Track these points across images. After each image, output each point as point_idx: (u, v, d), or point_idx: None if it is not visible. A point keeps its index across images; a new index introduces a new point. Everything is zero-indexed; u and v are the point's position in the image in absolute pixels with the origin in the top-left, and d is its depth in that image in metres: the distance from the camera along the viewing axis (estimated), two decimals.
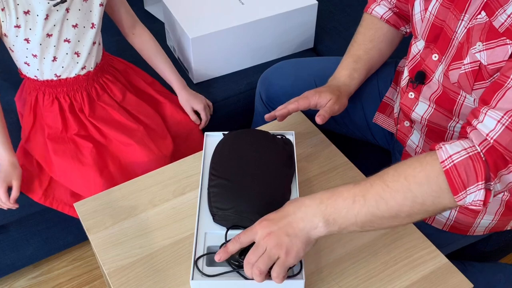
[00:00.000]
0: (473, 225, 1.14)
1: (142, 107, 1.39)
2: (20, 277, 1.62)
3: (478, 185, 0.84)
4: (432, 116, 1.12)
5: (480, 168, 0.83)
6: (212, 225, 1.00)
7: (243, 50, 1.58)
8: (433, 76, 1.08)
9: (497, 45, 0.90)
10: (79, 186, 1.28)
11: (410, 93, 1.15)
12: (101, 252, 1.01)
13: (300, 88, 1.25)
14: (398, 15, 1.26)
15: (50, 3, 1.16)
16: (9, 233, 1.47)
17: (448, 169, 0.84)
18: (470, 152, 0.84)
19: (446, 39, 1.03)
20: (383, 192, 0.85)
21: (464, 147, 0.85)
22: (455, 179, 0.84)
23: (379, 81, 1.33)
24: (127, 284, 0.96)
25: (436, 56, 1.07)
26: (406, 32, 1.29)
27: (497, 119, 0.84)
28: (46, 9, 1.17)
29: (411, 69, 1.15)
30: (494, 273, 1.30)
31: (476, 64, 0.95)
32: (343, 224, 0.87)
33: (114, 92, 1.36)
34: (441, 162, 0.84)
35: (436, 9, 1.05)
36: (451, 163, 0.84)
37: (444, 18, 1.03)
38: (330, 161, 1.18)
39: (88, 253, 1.68)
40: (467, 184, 0.84)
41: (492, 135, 0.85)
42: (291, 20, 1.58)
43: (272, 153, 1.08)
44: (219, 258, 0.89)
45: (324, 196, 0.88)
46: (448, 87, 1.06)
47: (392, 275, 0.98)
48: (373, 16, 1.27)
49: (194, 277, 0.91)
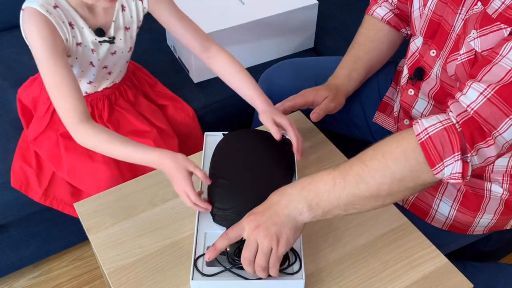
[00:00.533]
0: (473, 224, 1.14)
1: (152, 109, 1.38)
2: (20, 277, 1.62)
3: (454, 156, 0.83)
4: (432, 112, 1.12)
5: (455, 139, 0.83)
6: (212, 225, 1.00)
7: (244, 50, 1.58)
8: (431, 71, 1.09)
9: (490, 31, 0.90)
10: (87, 183, 1.27)
11: (410, 90, 1.15)
12: (101, 252, 1.01)
13: (300, 88, 1.25)
14: (399, 17, 1.27)
15: (98, 39, 1.14)
16: (9, 233, 1.47)
17: (423, 141, 0.84)
18: (445, 124, 0.84)
19: (443, 34, 1.04)
20: (362, 172, 0.86)
21: (440, 119, 0.85)
22: (431, 151, 0.83)
23: (379, 81, 1.33)
24: (127, 284, 0.96)
25: (434, 52, 1.07)
26: (407, 34, 1.29)
27: (479, 91, 0.84)
28: (94, 43, 1.14)
29: (410, 66, 1.16)
30: (494, 273, 1.30)
31: (472, 53, 0.95)
32: (326, 207, 0.88)
33: (129, 96, 1.35)
34: (417, 135, 0.85)
35: (434, 5, 1.05)
36: (426, 135, 0.84)
37: (441, 13, 1.04)
38: (330, 161, 1.18)
39: (88, 253, 1.68)
40: (443, 155, 0.83)
41: (472, 106, 0.84)
42: (292, 20, 1.58)
43: (272, 153, 1.08)
44: (208, 257, 0.90)
45: (305, 182, 0.89)
46: (445, 81, 1.06)
47: (392, 275, 0.98)
48: (374, 18, 1.28)
49: (194, 277, 0.91)
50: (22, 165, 1.30)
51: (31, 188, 1.31)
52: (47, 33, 1.03)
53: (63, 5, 1.08)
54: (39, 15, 1.03)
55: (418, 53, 1.13)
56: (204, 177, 1.00)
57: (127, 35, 1.20)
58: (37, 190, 1.31)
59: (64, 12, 1.08)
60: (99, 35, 1.14)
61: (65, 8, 1.08)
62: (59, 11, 1.07)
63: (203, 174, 1.00)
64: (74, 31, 1.10)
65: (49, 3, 1.05)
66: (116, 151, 1.03)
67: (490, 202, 1.11)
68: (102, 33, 1.14)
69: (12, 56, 1.58)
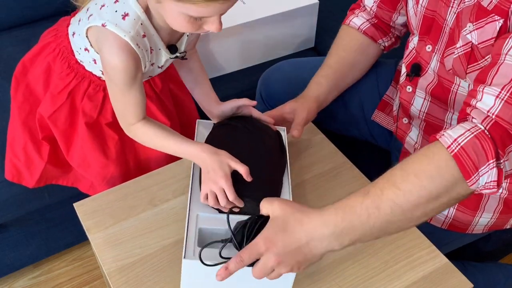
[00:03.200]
0: (472, 223, 1.14)
1: (175, 99, 1.33)
2: (20, 277, 1.62)
3: (489, 164, 0.81)
4: (429, 109, 1.12)
5: (488, 145, 0.80)
6: (204, 207, 1.00)
7: (244, 49, 1.58)
8: (428, 67, 1.09)
9: (486, 23, 0.90)
10: (94, 174, 1.25)
11: (408, 86, 1.15)
12: (101, 252, 1.01)
13: (300, 87, 1.25)
14: (376, 27, 1.26)
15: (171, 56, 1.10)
16: (9, 233, 1.47)
17: (456, 153, 0.80)
18: (474, 132, 0.82)
19: (438, 28, 1.04)
20: (396, 197, 0.81)
21: (467, 128, 0.83)
22: (465, 162, 0.80)
23: (379, 81, 1.33)
24: (127, 284, 0.96)
25: (430, 47, 1.08)
26: (384, 47, 1.28)
27: (495, 94, 0.82)
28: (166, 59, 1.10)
29: (407, 64, 1.16)
30: (494, 273, 1.30)
31: (468, 46, 0.95)
32: (358, 240, 0.84)
33: (156, 81, 1.26)
34: (447, 147, 0.81)
35: (427, 1, 1.06)
36: (458, 146, 0.80)
37: (434, 8, 1.05)
38: (330, 161, 1.18)
39: (88, 253, 1.68)
40: (478, 164, 0.80)
41: (493, 111, 0.82)
42: (292, 19, 1.58)
43: (264, 141, 1.08)
44: (221, 278, 0.83)
45: (337, 220, 0.82)
46: (442, 76, 1.06)
47: (392, 275, 0.98)
48: (350, 27, 1.28)
49: (186, 256, 0.90)
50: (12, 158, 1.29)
51: (23, 177, 1.29)
52: (131, 67, 0.99)
53: (150, 31, 1.02)
54: (128, 49, 0.97)
55: (414, 50, 1.14)
56: (246, 173, 0.97)
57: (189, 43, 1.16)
58: (29, 180, 1.29)
59: (149, 39, 1.03)
60: (172, 51, 1.09)
61: (151, 34, 1.03)
62: (145, 40, 1.01)
63: (245, 170, 0.96)
64: (152, 55, 1.06)
65: (139, 33, 0.99)
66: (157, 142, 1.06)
67: (489, 201, 1.11)
68: (175, 49, 1.10)
69: (12, 56, 1.58)
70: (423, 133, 1.17)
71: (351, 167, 1.17)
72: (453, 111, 1.09)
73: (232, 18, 1.51)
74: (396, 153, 1.31)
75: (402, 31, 1.28)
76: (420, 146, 1.18)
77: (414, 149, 1.21)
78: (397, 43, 1.31)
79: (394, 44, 1.30)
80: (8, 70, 1.38)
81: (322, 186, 1.13)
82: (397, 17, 1.23)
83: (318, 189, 1.12)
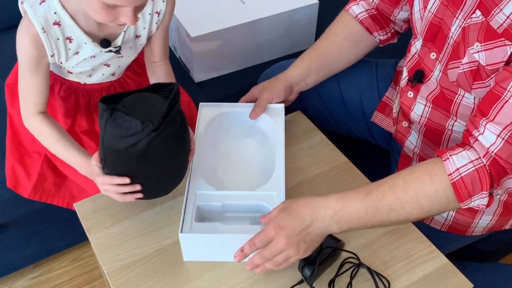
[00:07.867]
0: (472, 226, 1.14)
1: None
2: (20, 277, 1.62)
3: (482, 194, 0.90)
4: (431, 114, 1.11)
5: (485, 180, 0.89)
6: (203, 185, 1.04)
7: (244, 49, 1.58)
8: (432, 74, 1.08)
9: (496, 46, 0.90)
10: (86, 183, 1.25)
11: (409, 92, 1.15)
12: (101, 252, 1.01)
13: None
14: (374, 19, 1.24)
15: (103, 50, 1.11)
16: (9, 233, 1.47)
17: (455, 181, 0.89)
18: (476, 165, 0.89)
19: (443, 37, 1.03)
20: (394, 204, 0.92)
21: (471, 159, 0.89)
22: (461, 190, 0.89)
23: (379, 81, 1.32)
24: (127, 284, 0.96)
25: (434, 55, 1.06)
26: (380, 40, 1.26)
27: (496, 133, 0.88)
28: (96, 53, 1.11)
29: (410, 68, 1.15)
30: (493, 273, 1.30)
31: (475, 64, 0.95)
32: (354, 228, 0.95)
33: (131, 87, 1.28)
34: (449, 174, 0.89)
35: (436, 8, 1.04)
36: (459, 176, 0.89)
37: (442, 16, 1.03)
38: (330, 161, 1.18)
39: (88, 253, 1.68)
40: (473, 193, 0.89)
41: (492, 149, 0.88)
42: (292, 19, 1.58)
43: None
44: (238, 259, 0.94)
45: (337, 207, 0.93)
46: (445, 87, 1.05)
47: (392, 275, 0.98)
48: (347, 14, 1.26)
49: (183, 230, 0.96)
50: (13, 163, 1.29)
51: (20, 184, 1.29)
52: (32, 50, 1.03)
53: (66, 21, 1.04)
54: (33, 32, 1.01)
55: (417, 55, 1.13)
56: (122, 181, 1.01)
57: (137, 42, 1.16)
58: (26, 185, 1.29)
59: (64, 29, 1.04)
60: (105, 46, 1.10)
61: (68, 25, 1.04)
62: (57, 29, 1.03)
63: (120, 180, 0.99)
64: (72, 44, 1.07)
65: (48, 19, 1.02)
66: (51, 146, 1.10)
67: None
68: (107, 43, 1.10)
69: (12, 55, 1.58)
70: (422, 138, 1.17)
71: (351, 167, 1.17)
72: (456, 118, 1.07)
73: (232, 18, 1.51)
74: (396, 155, 1.30)
75: (402, 27, 1.26)
76: (420, 151, 1.18)
77: (413, 153, 1.20)
78: (394, 39, 1.28)
79: (390, 39, 1.27)
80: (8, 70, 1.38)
81: (322, 186, 1.13)
82: (399, 12, 1.21)
83: (318, 189, 1.12)
